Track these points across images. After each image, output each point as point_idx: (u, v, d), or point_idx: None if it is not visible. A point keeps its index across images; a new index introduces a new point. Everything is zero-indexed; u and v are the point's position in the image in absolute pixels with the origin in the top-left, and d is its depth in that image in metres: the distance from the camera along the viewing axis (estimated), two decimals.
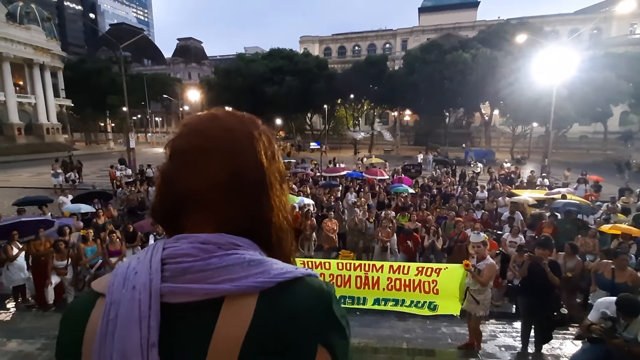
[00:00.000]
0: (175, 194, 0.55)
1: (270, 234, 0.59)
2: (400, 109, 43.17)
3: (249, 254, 0.53)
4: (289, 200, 0.65)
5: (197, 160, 0.55)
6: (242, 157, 0.56)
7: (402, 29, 61.87)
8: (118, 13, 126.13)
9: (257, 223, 0.58)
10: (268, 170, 0.58)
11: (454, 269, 5.17)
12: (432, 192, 13.23)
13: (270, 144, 0.62)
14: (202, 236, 0.53)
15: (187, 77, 68.35)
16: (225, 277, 0.50)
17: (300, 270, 0.55)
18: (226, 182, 0.54)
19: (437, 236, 8.65)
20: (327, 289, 0.55)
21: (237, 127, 0.59)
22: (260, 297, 0.50)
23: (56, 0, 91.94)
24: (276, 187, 0.60)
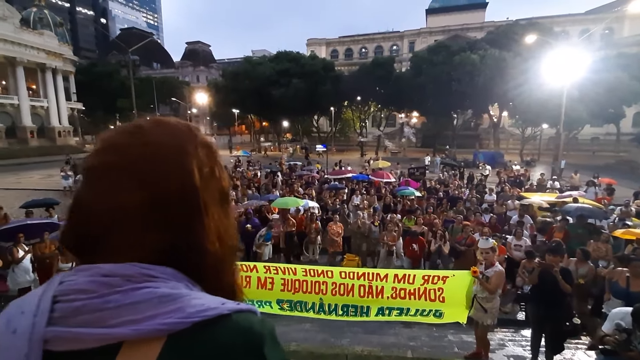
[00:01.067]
0: (85, 217, 0.48)
1: (202, 263, 0.51)
2: (408, 111, 42.88)
3: (165, 287, 0.45)
4: (231, 223, 0.57)
5: (109, 181, 0.47)
6: (164, 177, 0.48)
7: (409, 30, 61.64)
8: (128, 18, 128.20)
9: (186, 251, 0.49)
10: (202, 190, 0.50)
11: (461, 276, 5.01)
12: (439, 195, 13.03)
13: (211, 158, 0.54)
14: (106, 267, 0.45)
15: (195, 80, 69.04)
16: (126, 319, 0.41)
17: (229, 306, 0.47)
18: (143, 205, 0.47)
19: (443, 240, 8.47)
20: (259, 329, 0.47)
21: (164, 140, 0.50)
22: (168, 342, 0.42)
23: (69, 6, 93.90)
24: (213, 209, 0.52)
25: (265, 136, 66.53)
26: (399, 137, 43.76)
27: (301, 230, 9.88)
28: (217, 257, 0.52)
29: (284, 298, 5.22)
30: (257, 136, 56.16)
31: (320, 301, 5.20)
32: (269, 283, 5.19)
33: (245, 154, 27.94)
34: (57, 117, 45.53)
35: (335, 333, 5.93)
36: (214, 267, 0.52)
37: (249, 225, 9.27)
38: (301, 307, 5.24)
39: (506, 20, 46.47)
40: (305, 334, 5.83)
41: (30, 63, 42.23)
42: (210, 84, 54.95)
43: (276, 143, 54.32)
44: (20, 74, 41.08)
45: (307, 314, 5.28)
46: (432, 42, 44.08)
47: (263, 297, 5.25)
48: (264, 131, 63.22)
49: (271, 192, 14.02)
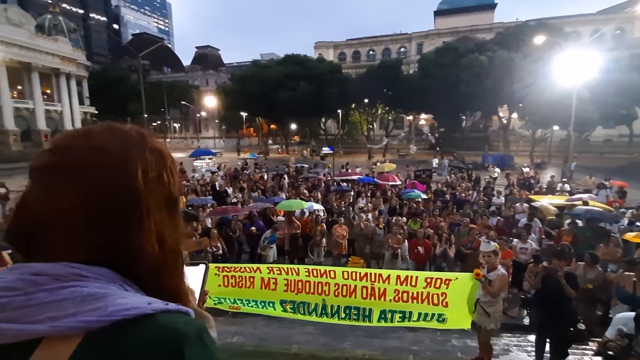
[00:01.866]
0: (28, 216, 0.49)
1: (140, 265, 0.51)
2: (415, 113, 42.69)
3: (93, 287, 0.45)
4: (177, 228, 0.57)
5: (49, 180, 0.49)
6: (106, 179, 0.49)
7: (417, 32, 61.48)
8: (140, 23, 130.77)
9: (124, 253, 0.50)
10: (145, 194, 0.51)
11: (464, 279, 4.96)
12: (446, 197, 12.92)
13: (160, 164, 0.55)
14: (37, 266, 0.46)
15: (204, 83, 69.91)
16: (47, 315, 0.42)
17: (155, 306, 0.47)
18: (83, 206, 0.47)
19: (449, 243, 8.41)
20: (182, 330, 0.46)
21: (111, 145, 0.51)
22: (85, 339, 0.42)
23: (82, 12, 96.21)
24: (156, 213, 0.53)
25: (273, 139, 66.95)
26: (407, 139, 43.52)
27: (306, 232, 9.88)
28: (157, 260, 0.53)
29: (287, 299, 5.23)
30: (265, 139, 56.54)
31: (323, 302, 5.20)
32: (272, 283, 5.22)
33: (252, 157, 28.15)
34: (71, 121, 46.59)
35: (337, 336, 5.92)
36: (154, 270, 0.53)
37: (253, 228, 9.34)
38: (304, 309, 5.25)
39: (515, 21, 45.97)
40: (308, 337, 5.84)
41: (45, 68, 43.37)
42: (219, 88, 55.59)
43: (284, 146, 54.60)
44: (35, 79, 42.21)
45: (309, 318, 5.28)
46: (440, 44, 43.88)
47: (266, 298, 5.28)
48: (272, 134, 63.63)
49: (277, 194, 14.09)
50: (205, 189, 14.64)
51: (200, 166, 20.63)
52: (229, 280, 5.24)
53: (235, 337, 5.65)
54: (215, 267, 5.38)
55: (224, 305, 5.36)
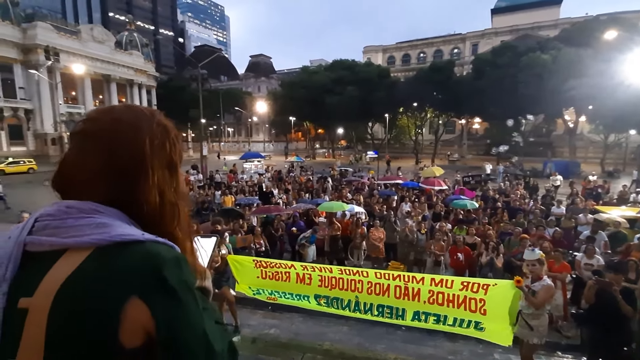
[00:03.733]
0: (65, 167, 0.67)
1: (144, 211, 0.66)
2: (468, 117, 40.55)
3: (105, 219, 0.61)
4: (177, 185, 0.73)
5: (80, 142, 0.66)
6: (119, 143, 0.65)
7: (472, 32, 58.50)
8: (201, 36, 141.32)
9: (132, 200, 0.65)
10: (150, 157, 0.66)
11: (504, 286, 4.67)
12: (497, 205, 12.14)
13: (163, 135, 0.70)
14: (70, 202, 0.63)
15: (256, 90, 73.29)
16: (72, 234, 0.59)
17: (147, 236, 0.62)
18: (101, 162, 0.64)
19: (496, 253, 7.94)
20: (164, 254, 0.60)
21: (127, 118, 0.68)
22: (94, 252, 0.58)
23: (153, 28, 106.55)
24: (159, 172, 0.68)
25: (320, 143, 67.91)
26: (459, 143, 41.45)
27: (346, 234, 9.96)
28: (157, 209, 0.68)
29: (321, 294, 5.36)
30: (312, 143, 57.58)
31: (356, 299, 5.25)
32: (307, 278, 5.38)
33: (298, 160, 28.87)
34: None
35: (372, 338, 5.91)
36: (154, 216, 0.68)
37: (294, 228, 9.65)
38: (337, 304, 5.33)
39: (585, 16, 41.63)
40: (342, 336, 5.91)
41: (122, 79, 48.87)
42: (269, 94, 57.91)
43: (330, 150, 55.09)
44: (113, 89, 47.76)
45: (343, 312, 5.34)
46: (497, 44, 41.29)
47: (302, 292, 5.45)
48: (319, 138, 64.59)
49: (320, 196, 14.35)
50: (252, 190, 15.40)
51: (249, 168, 21.70)
52: (266, 274, 5.51)
53: (272, 329, 5.92)
54: (253, 260, 5.69)
55: (262, 296, 5.64)
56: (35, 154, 36.46)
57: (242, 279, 5.70)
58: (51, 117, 37.81)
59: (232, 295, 5.73)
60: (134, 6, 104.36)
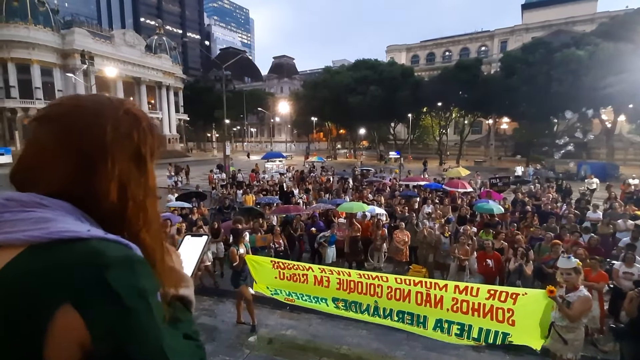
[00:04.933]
0: (24, 158, 0.61)
1: (103, 207, 0.59)
2: (496, 117, 39.07)
3: (48, 213, 0.54)
4: (146, 180, 0.65)
5: (39, 128, 0.60)
6: (77, 129, 0.58)
7: (501, 29, 56.41)
8: (227, 39, 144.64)
9: (88, 193, 0.58)
10: (110, 146, 0.59)
11: (535, 296, 4.37)
12: (526, 208, 11.55)
13: (132, 124, 0.63)
14: (11, 194, 0.57)
15: (279, 91, 74.07)
16: (5, 230, 0.52)
17: (93, 233, 0.54)
18: (57, 149, 0.57)
19: (525, 259, 7.52)
20: (111, 254, 0.52)
21: (90, 105, 0.62)
22: (25, 251, 0.51)
23: (181, 32, 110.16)
24: (122, 165, 0.61)
25: (342, 143, 67.70)
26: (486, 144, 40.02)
27: (366, 236, 9.78)
28: (118, 205, 0.60)
29: (339, 297, 5.24)
30: (333, 143, 57.49)
31: (375, 304, 5.08)
32: (325, 281, 5.27)
33: (319, 160, 28.85)
34: (168, 127, 53.70)
35: (392, 344, 5.73)
36: (115, 214, 0.60)
37: (313, 229, 9.58)
38: (356, 308, 5.19)
39: (625, 9, 39.02)
40: (360, 340, 5.77)
41: (151, 82, 50.79)
42: (291, 94, 58.34)
43: (352, 150, 54.76)
44: (143, 91, 49.72)
45: (361, 317, 5.19)
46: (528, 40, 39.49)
47: (319, 294, 5.35)
48: (341, 138, 64.41)
49: (341, 197, 14.22)
50: (273, 189, 15.49)
51: (270, 168, 21.90)
52: (284, 275, 5.45)
53: (289, 330, 5.86)
54: (271, 261, 5.64)
55: (280, 297, 5.61)
56: None
57: (260, 279, 5.69)
58: None
59: (250, 294, 5.74)
60: (163, 11, 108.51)
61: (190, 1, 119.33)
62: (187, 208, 11.33)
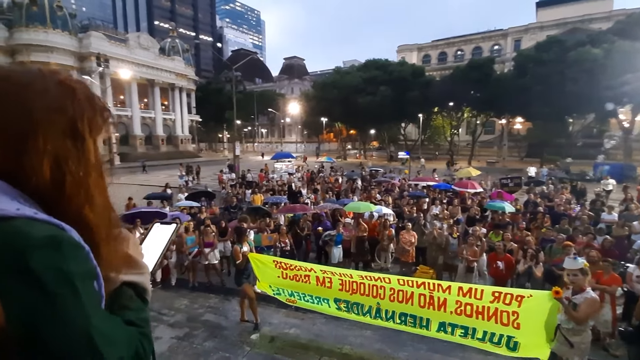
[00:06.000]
0: None
1: (36, 184, 0.56)
2: (509, 116, 38.33)
3: None
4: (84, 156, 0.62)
5: None
6: (4, 105, 0.55)
7: (515, 27, 55.33)
8: (238, 40, 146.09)
9: (19, 170, 0.56)
10: (40, 119, 0.56)
11: (540, 298, 4.26)
12: (538, 209, 11.30)
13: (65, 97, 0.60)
14: None
15: (290, 92, 74.41)
16: None
17: (22, 212, 0.52)
18: None
19: (535, 261, 7.36)
20: (35, 233, 0.50)
21: (17, 76, 0.59)
22: None
23: (193, 34, 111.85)
24: (55, 140, 0.58)
25: (352, 144, 67.53)
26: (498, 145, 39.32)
27: (373, 236, 9.74)
28: (53, 183, 0.57)
29: (341, 298, 5.22)
30: (343, 144, 57.41)
31: (378, 305, 5.04)
32: (328, 282, 5.26)
33: (329, 160, 28.87)
34: (181, 128, 54.57)
35: (395, 344, 5.67)
36: (52, 192, 0.57)
37: (320, 228, 9.59)
38: (358, 310, 5.15)
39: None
40: (363, 340, 5.73)
41: (164, 83, 51.66)
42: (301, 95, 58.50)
43: (361, 151, 54.55)
44: (156, 93, 50.63)
45: (363, 319, 5.15)
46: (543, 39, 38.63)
47: (322, 294, 5.34)
48: (351, 139, 64.26)
49: (349, 197, 14.19)
50: (282, 189, 15.56)
51: (279, 168, 22.02)
52: (286, 275, 5.46)
53: (292, 329, 5.87)
54: (274, 260, 5.64)
55: (281, 297, 5.61)
56: None
57: (263, 278, 5.71)
58: None
59: (252, 292, 5.77)
60: (177, 14, 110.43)
61: (203, 4, 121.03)
62: (196, 207, 11.51)
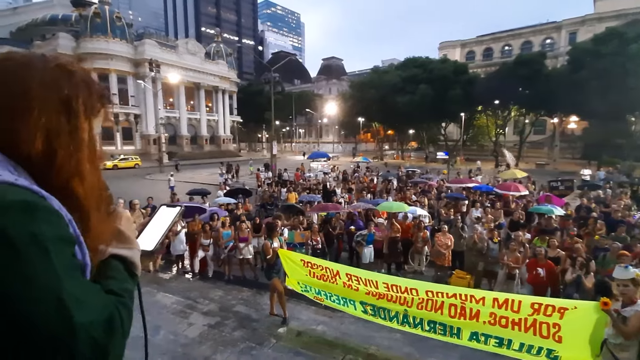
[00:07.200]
0: None
1: (29, 155, 0.61)
2: (563, 115, 35.40)
3: None
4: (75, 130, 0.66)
5: None
6: (5, 81, 0.61)
7: (570, 19, 50.94)
8: (278, 43, 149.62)
9: (14, 141, 0.61)
10: (35, 95, 0.61)
11: (586, 310, 3.90)
12: (592, 215, 10.35)
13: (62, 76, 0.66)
14: None
15: (327, 92, 74.70)
16: None
17: (6, 178, 0.56)
18: None
19: (585, 270, 6.75)
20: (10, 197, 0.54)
21: (19, 57, 0.65)
22: None
23: (236, 39, 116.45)
24: (49, 115, 0.62)
25: (389, 144, 66.31)
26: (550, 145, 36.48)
27: (407, 237, 9.51)
28: (44, 155, 0.62)
29: (367, 301, 5.11)
30: (381, 144, 56.56)
31: (405, 312, 4.87)
32: (355, 285, 5.17)
33: (365, 160, 28.65)
34: (223, 128, 57.10)
35: (425, 349, 5.50)
36: (42, 164, 0.62)
37: (352, 227, 9.55)
38: (384, 314, 5.01)
39: None
40: (391, 342, 5.63)
41: (209, 86, 54.39)
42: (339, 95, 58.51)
43: (399, 151, 53.36)
44: (201, 95, 53.43)
45: (390, 324, 4.98)
46: (601, 31, 35.21)
47: (348, 296, 5.28)
48: (388, 139, 63.13)
49: (383, 197, 13.99)
50: (317, 188, 15.72)
51: (315, 167, 22.26)
52: (314, 274, 5.48)
53: (320, 325, 5.92)
54: (301, 259, 5.68)
55: (309, 294, 5.66)
56: (140, 152, 42.88)
57: (292, 274, 5.81)
58: (153, 121, 43.78)
59: (281, 287, 5.89)
60: (222, 20, 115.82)
61: (246, 9, 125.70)
62: (233, 203, 11.99)
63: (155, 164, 33.69)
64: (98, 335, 0.56)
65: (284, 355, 4.77)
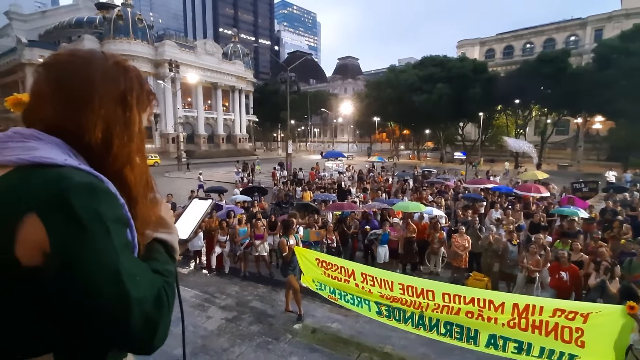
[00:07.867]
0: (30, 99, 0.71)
1: (88, 143, 0.67)
2: (587, 115, 34.13)
3: (40, 144, 0.64)
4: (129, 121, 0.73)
5: (40, 72, 0.69)
6: (68, 72, 0.68)
7: (596, 15, 48.96)
8: (294, 43, 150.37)
9: (76, 129, 0.67)
10: (97, 88, 0.68)
11: (611, 314, 3.77)
12: (617, 218, 9.96)
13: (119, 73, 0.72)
14: (17, 128, 0.67)
15: (343, 91, 74.56)
16: (5, 153, 0.62)
17: (70, 162, 0.62)
18: (49, 89, 0.67)
19: (610, 274, 6.52)
20: (77, 180, 0.60)
21: (83, 54, 0.71)
22: (13, 170, 0.60)
23: (253, 39, 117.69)
24: (108, 107, 0.69)
25: (405, 144, 65.60)
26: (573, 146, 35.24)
27: (423, 238, 9.42)
28: (102, 143, 0.68)
29: (382, 302, 5.08)
30: (396, 144, 56.02)
31: (421, 313, 4.82)
32: (367, 291, 5.14)
33: (380, 160, 28.48)
34: (239, 127, 57.85)
35: (441, 351, 5.43)
36: (100, 151, 0.68)
37: (367, 227, 9.53)
38: (399, 315, 4.96)
39: None
40: (407, 342, 5.59)
41: (226, 86, 55.20)
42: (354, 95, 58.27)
43: (415, 151, 52.71)
44: (218, 95, 54.28)
45: (404, 327, 4.93)
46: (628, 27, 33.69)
47: (362, 296, 5.27)
48: (404, 139, 62.46)
49: (399, 197, 13.88)
50: (331, 187, 15.74)
51: (330, 166, 22.27)
52: (329, 274, 5.49)
53: (335, 323, 5.94)
54: (316, 258, 5.70)
55: (324, 293, 5.67)
56: (160, 151, 43.96)
57: (307, 272, 5.84)
58: (172, 120, 44.79)
59: (297, 284, 5.95)
60: (239, 20, 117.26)
61: (262, 10, 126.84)
62: (249, 201, 12.17)
63: (174, 162, 34.46)
64: (149, 310, 0.62)
65: (300, 351, 4.82)
